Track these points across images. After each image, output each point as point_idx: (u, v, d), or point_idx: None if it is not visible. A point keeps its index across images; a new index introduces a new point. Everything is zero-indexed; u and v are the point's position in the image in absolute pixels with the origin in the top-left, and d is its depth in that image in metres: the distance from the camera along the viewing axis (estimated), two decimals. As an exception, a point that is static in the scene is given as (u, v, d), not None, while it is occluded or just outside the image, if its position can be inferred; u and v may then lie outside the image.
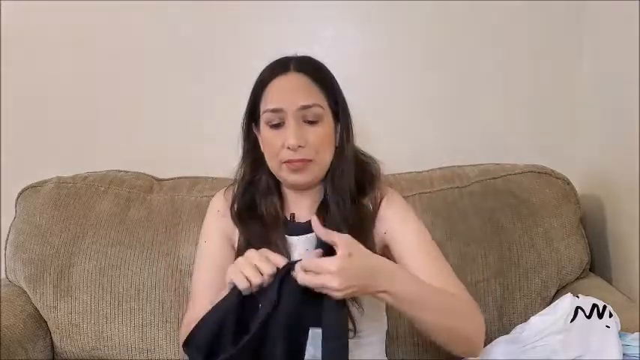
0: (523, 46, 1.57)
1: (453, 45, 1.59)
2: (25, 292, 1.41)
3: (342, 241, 0.87)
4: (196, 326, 0.87)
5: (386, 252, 1.07)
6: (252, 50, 1.58)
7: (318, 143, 1.03)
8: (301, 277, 0.86)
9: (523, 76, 1.58)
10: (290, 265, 0.88)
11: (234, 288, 0.88)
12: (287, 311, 0.85)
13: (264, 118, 1.05)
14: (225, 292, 0.90)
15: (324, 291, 0.85)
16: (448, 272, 1.04)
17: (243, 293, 0.87)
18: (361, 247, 0.90)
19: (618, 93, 1.38)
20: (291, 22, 1.60)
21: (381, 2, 1.57)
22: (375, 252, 0.99)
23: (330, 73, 1.09)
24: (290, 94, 1.03)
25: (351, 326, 1.02)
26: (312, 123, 1.03)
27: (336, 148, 1.08)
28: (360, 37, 1.61)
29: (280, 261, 0.88)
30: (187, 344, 0.86)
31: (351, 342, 1.04)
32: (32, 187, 1.48)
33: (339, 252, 0.86)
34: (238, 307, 0.87)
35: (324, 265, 0.85)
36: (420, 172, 1.49)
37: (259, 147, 1.10)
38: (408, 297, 0.92)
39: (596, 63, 1.51)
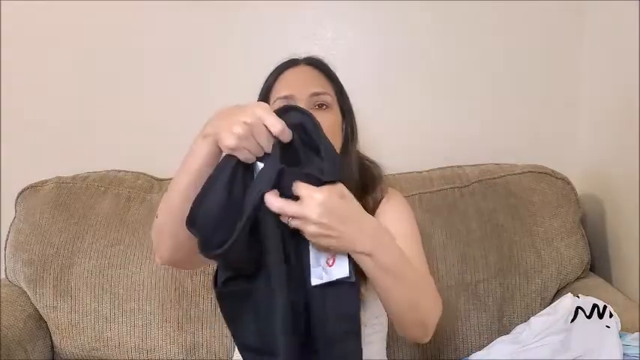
0: (523, 46, 1.57)
1: (453, 45, 1.58)
2: (25, 292, 1.41)
3: (336, 185, 0.80)
4: (194, 204, 0.79)
5: None
6: (253, 51, 1.59)
7: (327, 129, 1.04)
8: (273, 202, 0.76)
9: (523, 76, 1.58)
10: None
11: (230, 156, 0.79)
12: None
13: (274, 106, 1.06)
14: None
15: (295, 223, 0.77)
16: (424, 262, 1.02)
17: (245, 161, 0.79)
18: (357, 204, 0.83)
19: (618, 93, 1.38)
20: (291, 23, 1.60)
21: (380, 3, 1.57)
22: None
23: (335, 73, 1.13)
24: (301, 82, 1.07)
25: None
26: (321, 108, 1.06)
27: (342, 144, 1.09)
28: (360, 38, 1.61)
29: (279, 128, 0.77)
30: (190, 224, 0.79)
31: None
32: (32, 187, 1.48)
33: (329, 188, 0.78)
34: (235, 174, 0.79)
35: (308, 188, 0.77)
36: (420, 172, 1.49)
37: None
38: (387, 266, 0.85)
39: (595, 63, 1.51)
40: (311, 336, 0.82)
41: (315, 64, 1.13)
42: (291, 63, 1.12)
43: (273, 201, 0.77)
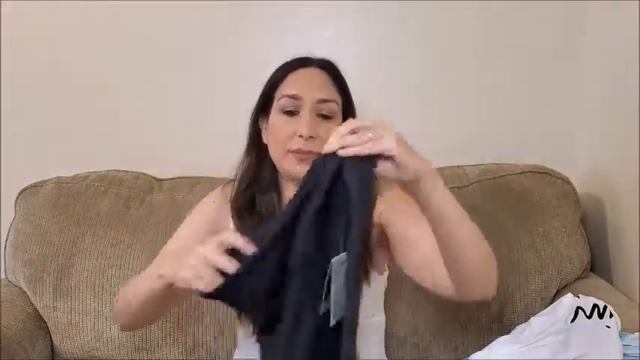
0: (523, 46, 1.57)
1: (453, 45, 1.59)
2: (24, 292, 1.41)
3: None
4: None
5: (380, 241, 1.06)
6: (252, 50, 1.59)
7: (326, 138, 1.03)
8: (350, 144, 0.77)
9: (523, 76, 1.58)
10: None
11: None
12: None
13: (279, 103, 1.06)
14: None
15: (399, 169, 0.78)
16: None
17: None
18: None
19: (618, 93, 1.38)
20: (291, 22, 1.60)
21: (381, 2, 1.58)
22: (370, 246, 1.00)
23: (346, 81, 1.12)
24: (311, 85, 1.06)
25: None
26: (325, 118, 1.05)
27: None
28: (360, 37, 1.61)
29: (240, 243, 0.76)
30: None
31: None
32: (32, 187, 1.48)
33: None
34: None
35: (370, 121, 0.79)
36: (420, 172, 1.49)
37: (262, 140, 1.11)
38: (449, 194, 0.85)
39: (596, 63, 1.51)
40: None
41: (328, 68, 1.10)
42: (304, 62, 1.09)
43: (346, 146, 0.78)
